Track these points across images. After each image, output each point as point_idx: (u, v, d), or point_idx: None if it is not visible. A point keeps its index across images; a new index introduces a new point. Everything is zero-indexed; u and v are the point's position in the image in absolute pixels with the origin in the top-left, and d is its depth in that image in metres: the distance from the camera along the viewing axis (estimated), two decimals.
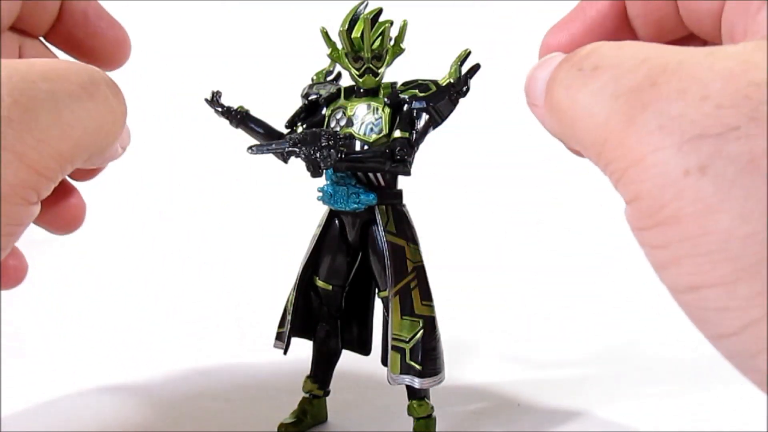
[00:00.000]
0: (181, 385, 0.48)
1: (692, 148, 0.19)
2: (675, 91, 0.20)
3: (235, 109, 0.40)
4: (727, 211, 0.18)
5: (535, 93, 0.26)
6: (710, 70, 0.19)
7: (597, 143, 0.22)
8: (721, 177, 0.18)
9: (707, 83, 0.19)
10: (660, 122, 0.19)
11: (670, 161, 0.19)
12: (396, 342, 0.38)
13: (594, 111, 0.22)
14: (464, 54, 0.38)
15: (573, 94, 0.23)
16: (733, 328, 0.19)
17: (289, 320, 0.41)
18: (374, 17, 0.37)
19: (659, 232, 0.20)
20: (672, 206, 0.19)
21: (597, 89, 0.22)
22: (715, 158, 0.18)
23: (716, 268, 0.19)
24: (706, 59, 0.20)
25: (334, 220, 0.40)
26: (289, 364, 0.42)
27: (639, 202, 0.20)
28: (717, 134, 0.18)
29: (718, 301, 0.19)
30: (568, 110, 0.23)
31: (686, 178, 0.19)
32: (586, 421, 0.43)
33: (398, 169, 0.37)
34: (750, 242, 0.18)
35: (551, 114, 0.25)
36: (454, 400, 0.45)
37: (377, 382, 0.43)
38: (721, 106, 0.19)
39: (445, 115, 0.38)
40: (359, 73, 0.38)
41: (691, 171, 0.19)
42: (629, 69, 0.21)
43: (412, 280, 0.38)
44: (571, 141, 0.24)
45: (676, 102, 0.19)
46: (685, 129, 0.19)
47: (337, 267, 0.41)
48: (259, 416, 0.43)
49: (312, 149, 0.35)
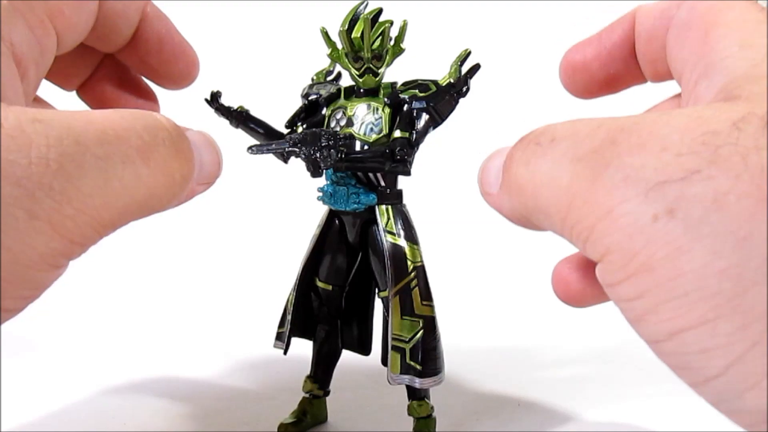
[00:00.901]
0: (181, 385, 0.48)
1: (658, 194, 0.19)
2: (635, 145, 0.20)
3: (235, 109, 0.40)
4: (699, 250, 0.18)
5: (489, 181, 0.26)
6: (666, 126, 0.20)
7: (561, 208, 0.22)
8: (689, 218, 0.19)
9: (664, 136, 0.20)
10: (624, 174, 0.20)
11: (638, 209, 0.19)
12: (396, 342, 0.38)
13: (555, 177, 0.22)
14: (464, 54, 0.38)
15: (533, 166, 0.23)
16: (717, 369, 0.19)
17: (289, 320, 0.41)
18: (374, 17, 0.37)
19: (633, 283, 0.20)
20: (643, 253, 0.19)
21: (557, 157, 0.22)
22: (681, 201, 0.19)
23: (694, 309, 0.19)
24: (661, 118, 0.21)
25: (334, 220, 0.40)
26: (289, 364, 0.42)
27: (610, 256, 0.20)
28: (680, 179, 0.19)
29: (699, 343, 0.19)
30: (529, 183, 0.23)
31: (655, 223, 0.19)
32: (585, 420, 0.43)
33: (398, 169, 0.37)
34: (725, 277, 0.18)
35: (510, 194, 0.25)
36: (454, 400, 0.45)
37: (377, 382, 0.43)
38: (680, 154, 0.19)
39: (445, 115, 0.38)
40: (359, 73, 0.38)
41: (659, 216, 0.19)
42: (587, 134, 0.22)
43: (412, 280, 0.38)
44: (534, 214, 0.24)
45: (638, 155, 0.20)
46: (649, 177, 0.19)
47: (337, 267, 0.41)
48: (259, 416, 0.43)
49: (312, 149, 0.35)
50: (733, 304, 0.18)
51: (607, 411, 0.44)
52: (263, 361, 0.50)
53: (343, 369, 0.43)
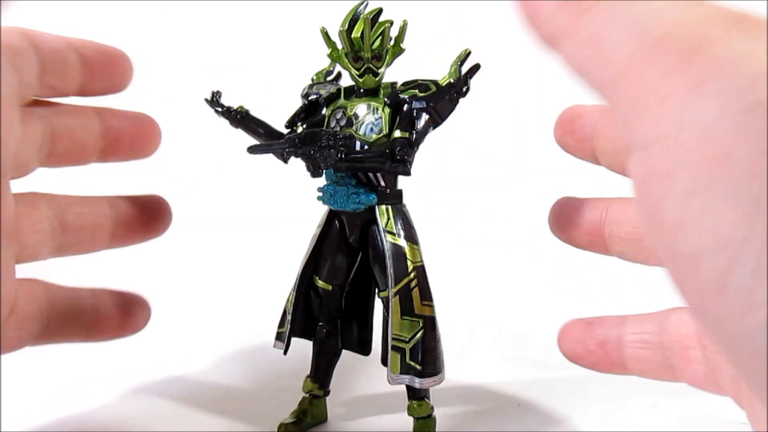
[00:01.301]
0: (181, 385, 0.48)
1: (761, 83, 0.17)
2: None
3: (235, 109, 0.40)
4: None
5: (547, 13, 0.24)
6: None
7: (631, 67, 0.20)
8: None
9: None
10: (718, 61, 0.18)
11: (736, 93, 0.18)
12: (396, 342, 0.38)
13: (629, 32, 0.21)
14: (464, 54, 0.38)
15: (607, 20, 0.22)
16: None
17: (289, 320, 0.41)
18: (374, 17, 0.37)
19: (699, 172, 0.18)
20: (725, 141, 0.18)
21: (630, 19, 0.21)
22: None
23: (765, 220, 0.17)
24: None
25: (334, 220, 0.40)
26: (289, 364, 0.42)
27: (678, 135, 0.19)
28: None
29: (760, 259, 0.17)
30: (600, 36, 0.22)
31: (751, 112, 0.17)
32: (585, 420, 0.43)
33: (398, 169, 0.37)
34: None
35: (579, 39, 0.23)
36: (454, 400, 0.45)
37: (377, 382, 0.43)
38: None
39: (445, 115, 0.38)
40: (359, 73, 0.38)
41: (758, 106, 0.17)
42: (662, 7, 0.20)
43: (412, 280, 0.38)
44: (596, 64, 0.22)
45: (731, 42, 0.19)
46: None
47: (337, 267, 0.41)
48: (259, 416, 0.43)
49: (312, 149, 0.35)
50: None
51: (606, 411, 0.44)
52: (263, 361, 0.50)
53: (343, 369, 0.43)
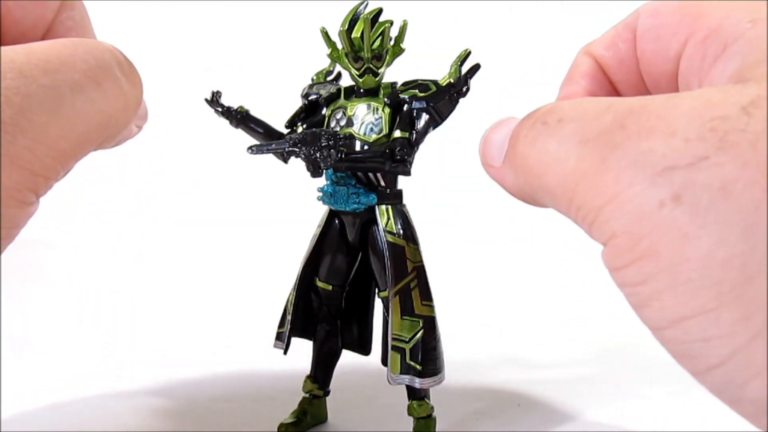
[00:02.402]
0: (181, 385, 0.48)
1: (665, 179, 0.19)
2: (644, 129, 0.20)
3: (235, 109, 0.40)
4: (705, 237, 0.18)
5: (491, 154, 0.26)
6: (674, 110, 0.20)
7: (568, 189, 0.22)
8: (696, 204, 0.18)
9: (672, 120, 0.20)
10: (632, 159, 0.20)
11: (645, 194, 0.19)
12: (396, 342, 0.38)
13: (563, 159, 0.22)
14: (464, 54, 0.38)
15: (539, 147, 0.23)
16: (719, 358, 0.19)
17: (289, 320, 0.41)
18: (374, 17, 0.37)
19: (638, 267, 0.20)
20: (649, 238, 0.19)
21: (564, 139, 0.22)
22: (688, 187, 0.19)
23: (698, 296, 0.18)
24: (669, 101, 0.21)
25: (334, 220, 0.40)
26: (289, 364, 0.42)
27: (615, 239, 0.20)
28: (688, 164, 0.19)
29: (702, 332, 0.19)
30: (536, 164, 0.23)
31: (661, 209, 0.19)
32: (585, 421, 0.43)
33: (398, 169, 0.37)
34: (730, 266, 0.18)
35: (516, 171, 0.25)
36: (454, 400, 0.45)
37: (377, 382, 0.43)
38: (688, 139, 0.19)
39: (445, 115, 0.38)
40: (359, 73, 0.38)
41: (665, 202, 0.19)
42: (595, 116, 0.21)
43: (412, 280, 0.38)
44: (539, 193, 0.24)
45: (646, 139, 0.20)
46: (657, 162, 0.19)
47: (337, 267, 0.41)
48: (259, 416, 0.43)
49: (312, 149, 0.35)
50: (737, 293, 0.18)
51: (606, 411, 0.44)
52: (263, 361, 0.50)
53: (343, 369, 0.43)
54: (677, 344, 0.20)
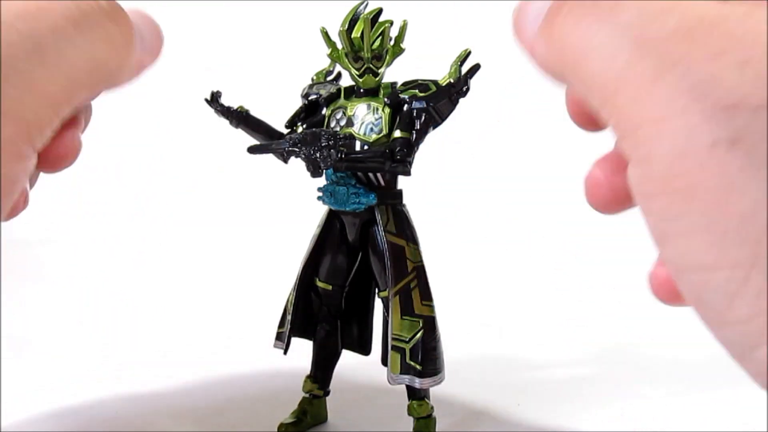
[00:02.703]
0: (181, 385, 0.48)
1: (726, 117, 0.17)
2: (713, 49, 0.17)
3: (235, 109, 0.40)
4: (753, 192, 0.17)
5: (526, 21, 0.23)
6: (752, 32, 0.17)
7: (607, 89, 0.19)
8: (753, 154, 0.17)
9: (748, 46, 0.17)
10: (691, 83, 0.17)
11: (697, 128, 0.17)
12: (396, 342, 0.38)
13: (610, 53, 0.19)
14: (464, 54, 0.38)
15: (586, 28, 0.20)
16: (738, 317, 0.18)
17: (289, 320, 0.41)
18: (374, 17, 0.37)
19: (671, 201, 0.18)
20: (690, 177, 0.17)
21: (618, 28, 0.19)
22: (749, 133, 0.17)
23: (731, 251, 0.17)
24: (751, 17, 0.18)
25: (334, 220, 0.40)
26: (289, 364, 0.42)
27: (650, 165, 0.18)
28: (755, 106, 0.17)
29: (727, 286, 0.17)
30: (576, 45, 0.20)
31: (712, 149, 0.17)
32: (586, 421, 0.43)
33: (398, 169, 0.37)
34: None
35: (551, 47, 0.21)
36: (454, 400, 0.45)
37: (377, 382, 0.43)
38: (762, 75, 0.17)
39: (445, 115, 0.38)
40: (359, 73, 0.38)
41: (719, 142, 0.17)
42: (659, 11, 0.19)
43: (412, 280, 0.38)
44: (571, 77, 0.21)
45: (713, 63, 0.17)
46: (721, 96, 0.17)
47: (337, 267, 0.41)
48: (259, 416, 0.43)
49: (312, 149, 0.35)
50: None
51: (606, 411, 0.44)
52: (263, 361, 0.50)
53: (343, 369, 0.43)
54: (696, 290, 0.19)
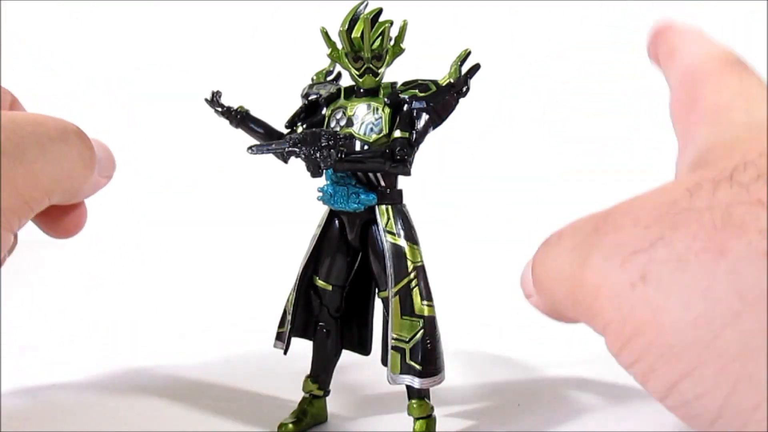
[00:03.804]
0: (181, 384, 0.48)
1: (632, 263, 0.21)
2: (613, 227, 0.23)
3: (235, 109, 0.40)
4: (672, 306, 0.20)
5: (528, 288, 0.29)
6: (638, 204, 0.23)
7: (568, 296, 0.24)
8: (659, 280, 0.21)
9: (635, 214, 0.22)
10: (603, 254, 0.22)
11: (617, 280, 0.22)
12: (396, 342, 0.38)
13: (559, 269, 0.25)
14: (464, 54, 0.38)
15: (545, 263, 0.26)
16: (714, 412, 0.20)
17: (289, 320, 0.41)
18: (374, 17, 0.37)
19: (630, 348, 0.22)
20: (631, 319, 0.21)
21: (559, 251, 0.25)
22: (651, 265, 0.21)
23: (681, 359, 0.20)
24: (638, 199, 0.23)
25: (334, 220, 0.40)
26: (289, 364, 0.42)
27: (608, 328, 0.23)
28: (648, 247, 0.21)
29: (693, 390, 0.20)
30: (546, 279, 0.26)
31: (633, 290, 0.21)
32: (586, 421, 0.43)
33: (398, 169, 0.37)
34: (697, 326, 0.20)
35: (538, 293, 0.27)
36: (454, 400, 0.45)
37: (377, 382, 0.43)
38: (647, 226, 0.22)
39: (445, 115, 0.38)
40: (359, 73, 0.38)
41: (635, 283, 0.21)
42: (580, 226, 0.24)
43: (412, 280, 0.38)
44: (556, 306, 0.26)
45: (615, 234, 0.22)
46: (623, 250, 0.22)
47: (337, 267, 0.41)
48: (259, 416, 0.43)
49: (312, 149, 0.35)
50: (710, 348, 0.20)
51: (606, 411, 0.44)
52: (263, 361, 0.50)
53: (343, 369, 0.43)
54: (680, 408, 0.22)
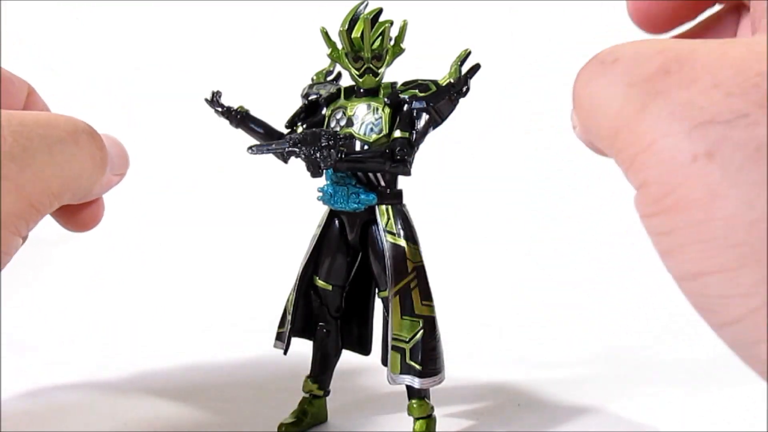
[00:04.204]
0: (182, 385, 0.48)
1: (701, 133, 0.19)
2: (686, 78, 0.20)
3: (235, 109, 0.40)
4: (733, 198, 0.18)
5: (574, 115, 0.26)
6: (721, 60, 0.20)
7: (610, 132, 0.22)
8: (729, 163, 0.18)
9: (718, 72, 0.19)
10: (670, 109, 0.20)
11: (678, 146, 0.19)
12: (396, 342, 0.38)
13: (609, 99, 0.22)
14: (464, 54, 0.38)
15: (591, 86, 0.23)
16: (735, 316, 0.19)
17: (289, 320, 0.41)
18: (374, 17, 0.37)
19: (665, 218, 0.20)
20: (678, 192, 0.19)
21: (614, 79, 0.22)
22: (724, 144, 0.18)
23: (720, 255, 0.19)
24: (719, 49, 0.20)
25: (334, 220, 0.40)
26: (289, 364, 0.42)
27: (647, 188, 0.20)
28: (726, 121, 0.18)
29: (720, 289, 0.19)
30: (586, 103, 0.23)
31: (693, 163, 0.19)
32: (586, 420, 0.43)
33: (398, 169, 0.37)
34: (755, 229, 0.18)
35: (576, 114, 0.24)
36: (454, 400, 0.45)
37: (377, 382, 0.43)
38: (730, 93, 0.19)
39: (445, 115, 0.38)
40: (359, 73, 0.38)
41: (698, 156, 0.19)
42: (645, 59, 0.21)
43: (412, 280, 0.38)
44: (593, 136, 0.24)
45: (687, 89, 0.20)
46: (695, 115, 0.19)
47: (337, 267, 0.41)
48: (259, 416, 0.43)
49: (312, 149, 0.35)
50: (758, 256, 0.18)
51: (606, 411, 0.44)
52: (263, 361, 0.50)
53: (343, 369, 0.43)
54: (696, 297, 0.20)
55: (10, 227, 0.26)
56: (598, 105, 0.22)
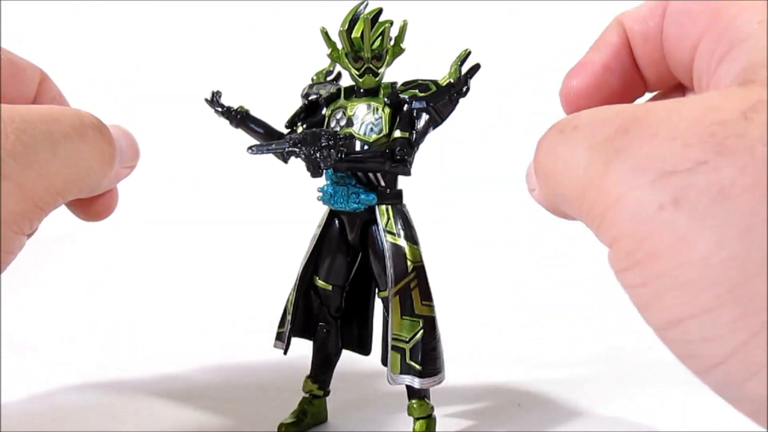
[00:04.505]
0: (182, 385, 0.48)
1: (665, 183, 0.19)
2: (646, 134, 0.21)
3: (235, 109, 0.40)
4: (703, 240, 0.19)
5: (531, 179, 0.27)
6: (676, 114, 0.21)
7: (578, 193, 0.22)
8: (694, 208, 0.19)
9: (674, 125, 0.20)
10: (633, 163, 0.20)
11: (645, 197, 0.20)
12: (396, 342, 0.38)
13: (573, 164, 0.22)
14: (464, 54, 0.38)
15: (554, 153, 0.24)
16: (720, 356, 0.19)
17: (289, 320, 0.41)
18: (374, 17, 0.37)
19: (639, 270, 0.20)
20: (649, 242, 0.20)
21: (576, 144, 0.23)
22: (687, 191, 0.19)
23: (697, 297, 0.19)
24: (673, 106, 0.21)
25: (334, 220, 0.40)
26: (289, 364, 0.42)
27: (618, 243, 0.21)
28: (687, 169, 0.19)
29: (702, 331, 0.19)
30: (551, 171, 0.24)
31: (661, 212, 0.19)
32: (586, 420, 0.43)
33: (398, 169, 0.37)
34: (728, 267, 0.18)
35: (540, 182, 0.25)
36: (454, 400, 0.45)
37: (377, 382, 0.43)
38: (688, 144, 0.19)
39: (445, 115, 0.38)
40: (359, 73, 0.38)
41: (665, 205, 0.19)
42: (604, 122, 0.22)
43: (412, 280, 0.38)
44: (558, 201, 0.24)
45: (648, 144, 0.20)
46: (657, 166, 0.20)
47: (337, 267, 0.41)
48: (259, 416, 0.43)
49: (312, 149, 0.35)
50: (735, 293, 0.18)
51: (606, 411, 0.44)
52: (263, 361, 0.50)
53: (343, 369, 0.43)
54: (679, 344, 0.20)
55: (13, 227, 0.26)
56: (563, 169, 0.23)
